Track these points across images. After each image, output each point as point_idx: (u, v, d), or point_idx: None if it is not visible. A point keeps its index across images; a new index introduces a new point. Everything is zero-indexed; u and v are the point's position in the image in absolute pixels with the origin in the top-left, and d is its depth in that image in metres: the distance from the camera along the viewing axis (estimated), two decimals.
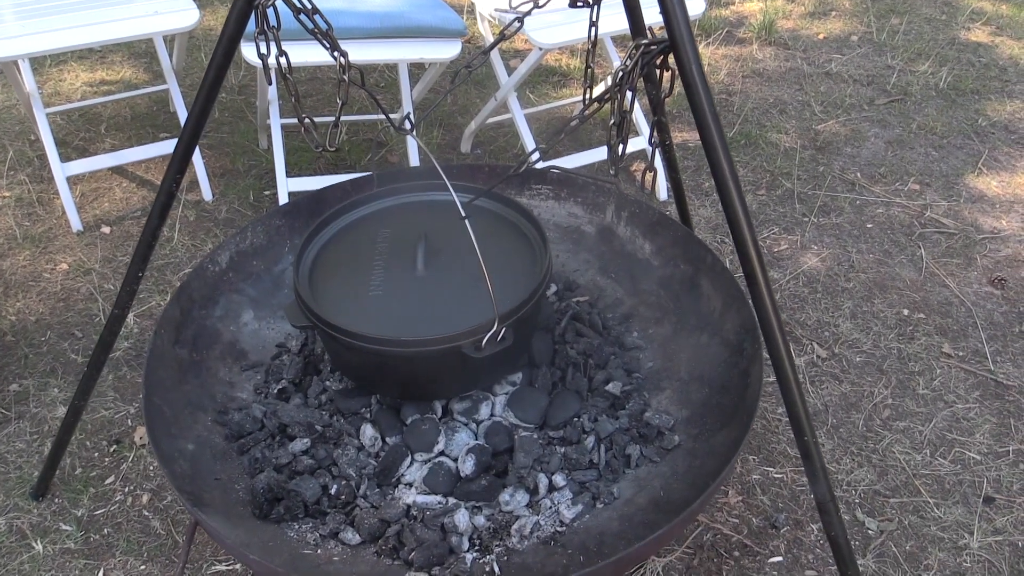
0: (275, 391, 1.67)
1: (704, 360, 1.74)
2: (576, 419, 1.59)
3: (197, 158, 2.89)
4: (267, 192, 2.97)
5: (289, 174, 2.69)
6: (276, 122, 2.72)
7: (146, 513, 1.94)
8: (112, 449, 2.09)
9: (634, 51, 1.07)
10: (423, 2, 2.54)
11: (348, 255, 1.60)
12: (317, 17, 1.24)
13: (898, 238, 2.85)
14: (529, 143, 2.77)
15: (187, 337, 1.71)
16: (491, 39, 2.77)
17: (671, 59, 1.11)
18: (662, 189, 2.93)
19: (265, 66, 1.24)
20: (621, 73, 1.07)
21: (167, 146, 2.90)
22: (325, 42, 1.26)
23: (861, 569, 1.86)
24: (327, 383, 1.67)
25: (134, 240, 2.74)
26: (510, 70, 2.82)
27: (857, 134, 3.41)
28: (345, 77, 1.29)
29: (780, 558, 1.89)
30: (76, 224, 2.77)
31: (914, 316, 2.54)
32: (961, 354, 2.41)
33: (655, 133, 1.22)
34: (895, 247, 2.81)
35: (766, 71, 3.90)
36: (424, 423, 1.53)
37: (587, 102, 1.15)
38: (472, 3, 2.79)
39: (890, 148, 3.33)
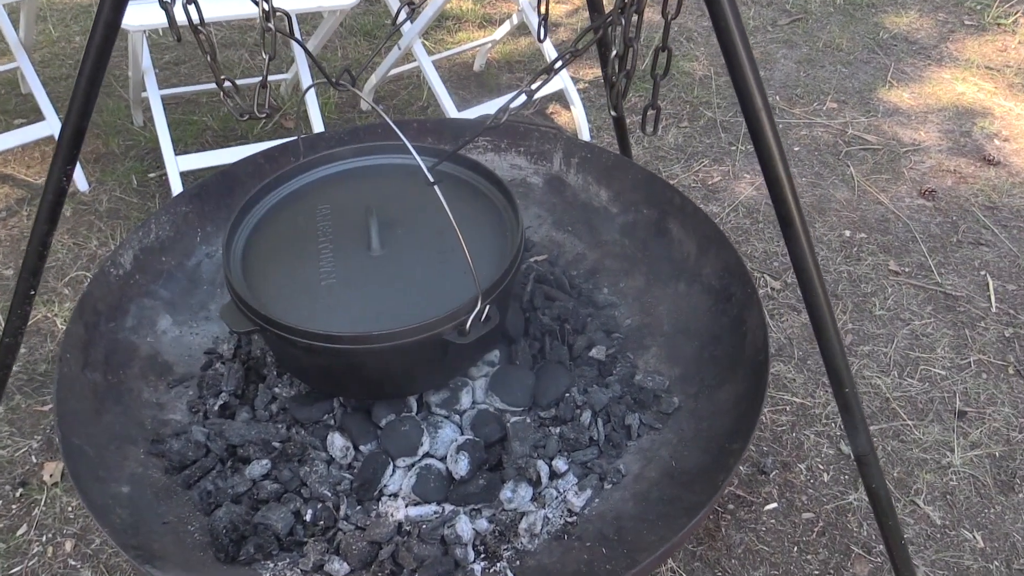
0: (215, 407, 1.43)
1: (686, 310, 1.60)
2: (567, 394, 1.42)
3: None
4: (151, 175, 2.64)
5: (177, 152, 2.37)
6: (155, 94, 2.39)
7: (72, 562, 1.67)
8: (18, 494, 1.80)
9: None
10: None
11: (286, 240, 1.36)
12: None
13: (826, 158, 2.80)
14: (443, 94, 2.54)
15: (97, 357, 1.44)
16: None
17: None
18: (584, 130, 2.77)
19: (170, 20, 0.99)
20: None
21: (25, 134, 2.51)
22: None
23: (854, 503, 1.80)
24: (276, 390, 1.45)
25: (3, 246, 2.38)
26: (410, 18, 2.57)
27: (767, 56, 3.34)
28: (271, 25, 1.05)
29: (775, 504, 1.81)
30: None
31: (856, 236, 2.49)
32: (907, 270, 2.38)
33: (656, 63, 1.05)
34: (825, 168, 2.76)
35: None
36: (403, 423, 1.33)
37: (579, 35, 0.96)
38: None
39: (801, 68, 3.27)
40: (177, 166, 2.32)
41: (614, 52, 0.95)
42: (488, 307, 1.20)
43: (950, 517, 1.79)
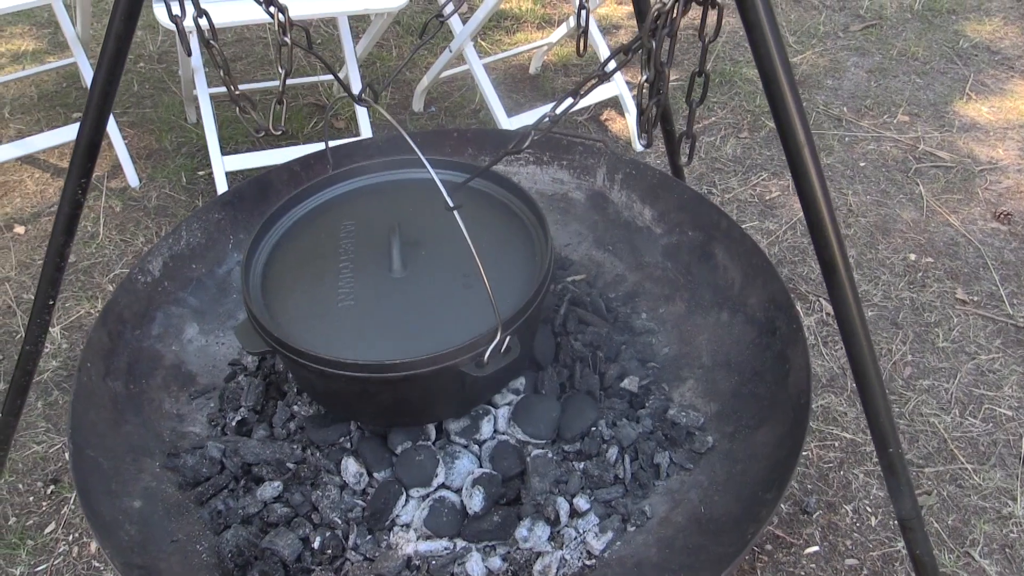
0: (234, 423, 1.40)
1: (728, 342, 1.52)
2: (593, 428, 1.35)
3: (118, 139, 2.54)
4: (201, 172, 2.64)
5: (224, 151, 2.37)
6: (204, 93, 2.39)
7: (96, 564, 1.67)
8: (50, 491, 1.80)
9: None
10: None
11: (307, 257, 1.32)
12: None
13: (894, 175, 2.65)
14: (493, 99, 2.48)
15: (120, 366, 1.43)
16: None
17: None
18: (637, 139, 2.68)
19: (180, 31, 0.95)
20: (658, 13, 0.81)
21: None
22: None
23: (903, 552, 1.68)
24: (295, 407, 1.41)
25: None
26: (463, 19, 2.52)
27: (836, 64, 3.19)
28: (287, 39, 1.00)
29: (816, 548, 1.71)
30: None
31: (922, 261, 2.35)
32: (976, 299, 2.24)
33: (692, 88, 0.97)
34: (892, 185, 2.61)
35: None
36: (418, 452, 1.28)
37: (607, 59, 0.88)
38: None
39: (872, 77, 3.12)
40: (223, 166, 2.32)
41: (644, 77, 0.88)
42: (508, 338, 1.13)
43: (1008, 572, 1.66)
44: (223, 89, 2.85)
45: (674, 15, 0.83)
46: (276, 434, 1.39)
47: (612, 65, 0.89)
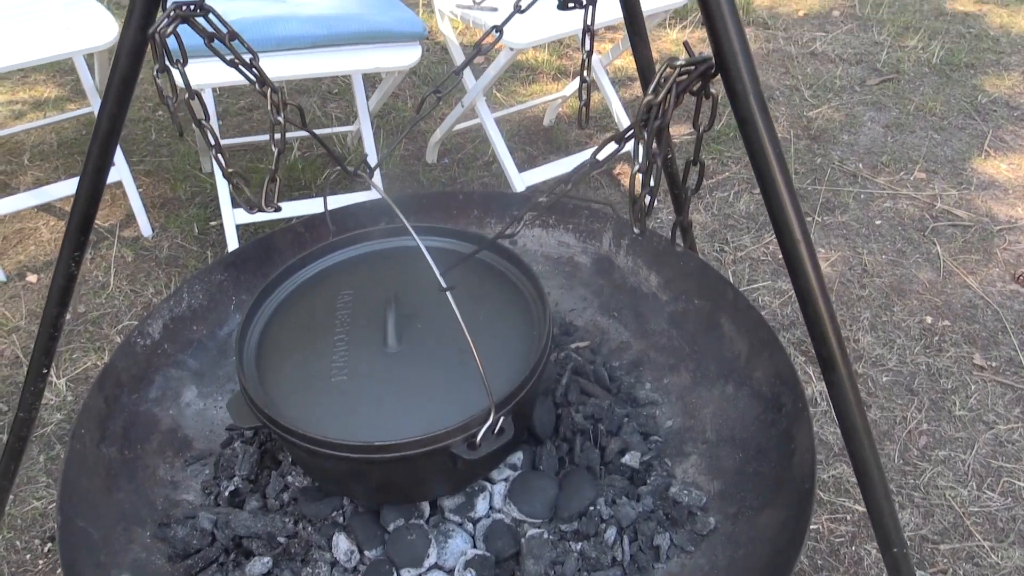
0: (227, 492, 1.38)
1: (733, 416, 1.48)
2: (592, 507, 1.32)
3: (132, 189, 2.57)
4: (213, 223, 2.65)
5: (236, 203, 2.38)
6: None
7: None
8: (47, 548, 1.79)
9: (667, 74, 0.79)
10: (375, 3, 2.24)
11: (303, 328, 1.30)
12: (237, 43, 0.94)
13: (910, 234, 2.61)
14: (505, 156, 2.48)
15: (115, 431, 1.42)
16: (453, 38, 2.48)
17: (713, 82, 0.84)
18: None
19: (172, 114, 0.95)
20: (650, 105, 0.80)
21: None
22: (249, 75, 0.97)
23: None
24: (289, 478, 1.39)
25: None
26: (476, 71, 2.54)
27: (852, 119, 3.17)
28: (280, 118, 1.00)
29: None
30: None
31: (938, 324, 2.30)
32: (994, 364, 2.18)
33: (687, 175, 0.95)
34: (908, 245, 2.57)
35: None
36: (410, 531, 1.25)
37: (600, 145, 0.87)
38: None
39: (889, 133, 3.09)
40: (234, 219, 2.32)
41: (636, 167, 0.86)
42: (502, 419, 1.11)
43: None
44: (236, 140, 2.89)
45: (666, 106, 0.81)
46: (269, 505, 1.37)
47: (605, 153, 0.88)
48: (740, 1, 3.95)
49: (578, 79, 2.93)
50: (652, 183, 0.86)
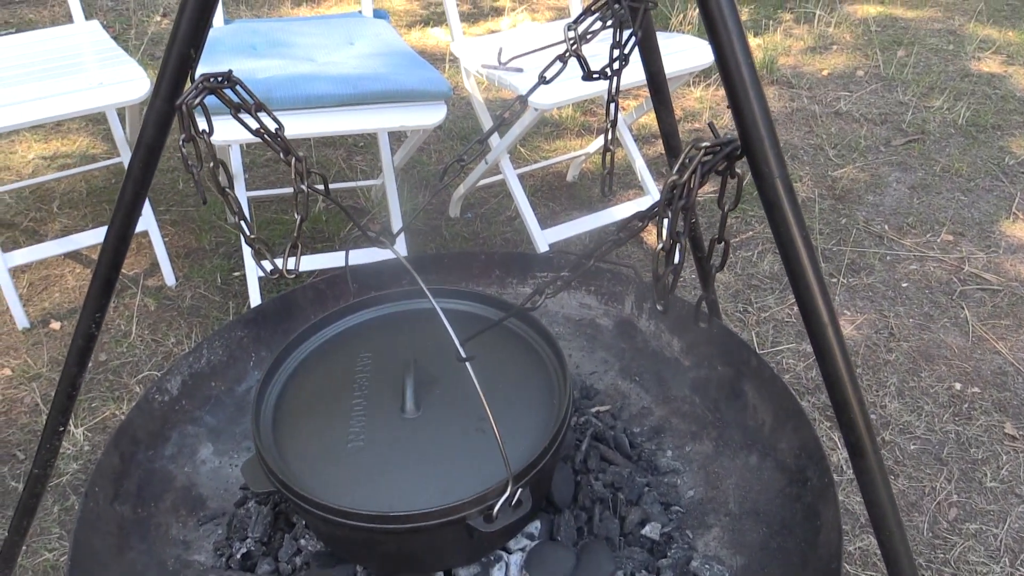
0: (239, 555, 1.36)
1: (756, 488, 1.44)
2: None
3: (157, 238, 2.59)
4: (236, 273, 2.67)
5: None
6: (243, 197, 2.43)
7: None
8: None
9: (692, 154, 0.78)
10: (401, 62, 2.27)
11: (321, 392, 1.29)
12: (263, 115, 0.95)
13: (938, 298, 2.57)
14: (528, 214, 2.49)
15: (130, 489, 1.41)
16: (478, 96, 2.51)
17: (738, 163, 0.83)
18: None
19: (197, 182, 0.95)
20: (674, 184, 0.79)
21: None
22: (275, 145, 0.98)
23: None
24: (302, 542, 1.36)
25: None
26: (501, 128, 2.55)
27: (878, 180, 3.16)
28: (303, 187, 1.00)
29: None
30: (22, 321, 2.47)
31: (968, 391, 2.25)
32: None
33: (712, 252, 0.94)
34: (936, 309, 2.53)
35: (771, 113, 3.65)
36: None
37: (623, 223, 0.86)
38: (455, 56, 2.53)
39: (915, 194, 3.07)
40: (256, 272, 2.34)
41: (660, 245, 0.85)
42: (520, 491, 1.09)
43: None
44: (265, 191, 2.92)
45: (691, 186, 0.80)
46: (281, 569, 1.34)
47: (628, 232, 0.87)
48: (764, 60, 3.98)
49: (602, 137, 2.94)
50: (676, 261, 0.85)
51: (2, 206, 3.01)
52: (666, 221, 0.83)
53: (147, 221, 2.57)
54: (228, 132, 1.91)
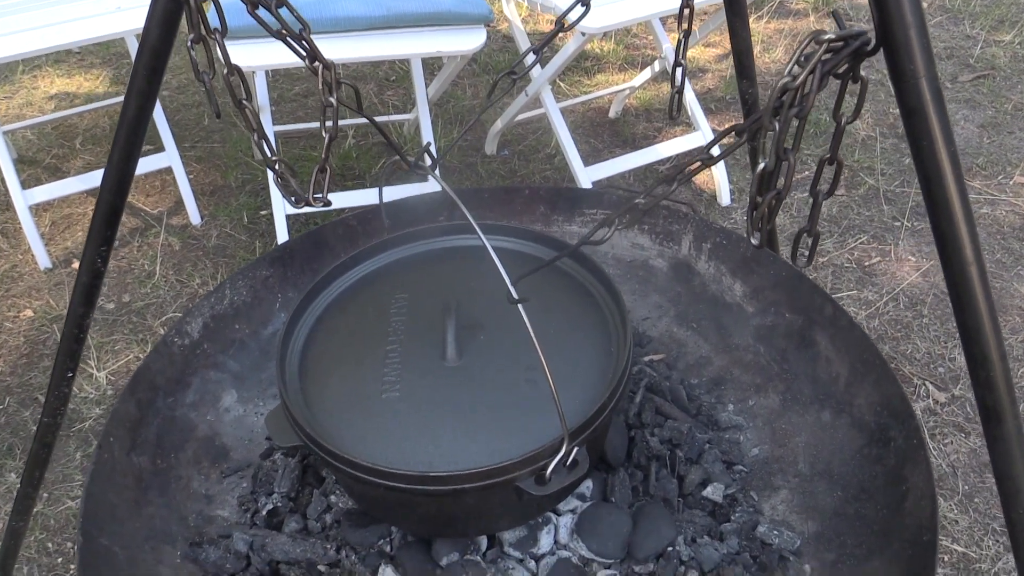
0: (264, 511, 1.26)
1: (829, 447, 1.31)
2: (670, 547, 1.16)
3: (182, 175, 2.48)
4: (264, 212, 2.55)
5: None
6: (270, 131, 2.29)
7: None
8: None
9: (811, 50, 0.63)
10: None
11: (352, 335, 1.17)
12: (284, 11, 0.80)
13: (1010, 244, 2.39)
14: (570, 148, 2.33)
15: (148, 438, 1.31)
16: (518, 24, 2.33)
17: (862, 66, 0.67)
18: (724, 193, 2.50)
19: (208, 91, 0.81)
20: (785, 88, 0.64)
21: (148, 162, 2.48)
22: (299, 48, 0.83)
23: None
24: (332, 498, 1.26)
25: (110, 277, 2.34)
26: (542, 59, 2.38)
27: None
28: (332, 100, 0.86)
29: None
30: (44, 261, 2.37)
31: None
32: None
33: (819, 175, 0.80)
34: (1008, 255, 2.35)
35: None
36: (465, 568, 1.11)
37: (718, 136, 0.71)
38: None
39: (985, 133, 2.85)
40: (284, 209, 2.21)
41: (761, 165, 0.70)
42: (576, 450, 0.96)
43: None
44: (292, 125, 2.78)
45: (806, 90, 0.65)
46: (310, 527, 1.24)
47: (718, 150, 0.72)
48: None
49: (648, 70, 2.75)
50: (780, 184, 0.70)
51: (24, 143, 2.91)
52: (771, 134, 0.68)
53: (171, 157, 2.45)
54: (252, 56, 1.78)
